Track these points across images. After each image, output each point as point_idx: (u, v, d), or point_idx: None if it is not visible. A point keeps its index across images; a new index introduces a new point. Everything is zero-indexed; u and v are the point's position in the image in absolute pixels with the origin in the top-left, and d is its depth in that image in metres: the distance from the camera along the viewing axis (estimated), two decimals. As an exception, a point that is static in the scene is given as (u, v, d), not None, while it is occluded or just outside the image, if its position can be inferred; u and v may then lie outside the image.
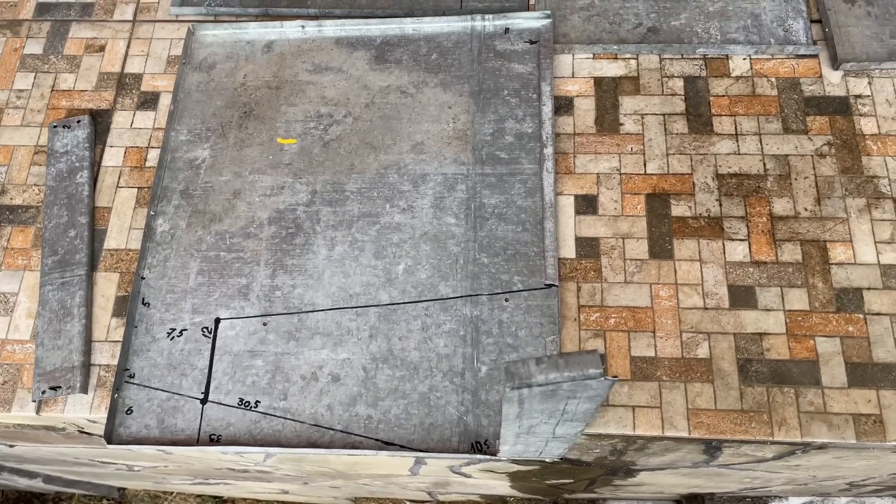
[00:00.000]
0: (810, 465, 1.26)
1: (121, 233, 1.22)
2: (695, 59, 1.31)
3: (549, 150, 1.23)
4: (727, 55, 1.31)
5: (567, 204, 1.21)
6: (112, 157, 1.29)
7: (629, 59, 1.31)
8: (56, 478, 2.25)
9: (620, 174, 1.23)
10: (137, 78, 1.36)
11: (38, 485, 2.14)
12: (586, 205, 1.21)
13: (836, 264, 1.14)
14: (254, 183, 1.24)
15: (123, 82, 1.36)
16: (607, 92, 1.30)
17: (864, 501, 1.84)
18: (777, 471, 1.35)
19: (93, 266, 1.20)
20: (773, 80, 1.29)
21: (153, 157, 1.28)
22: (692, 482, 1.60)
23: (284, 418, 1.08)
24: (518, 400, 0.74)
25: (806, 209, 1.18)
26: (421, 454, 1.05)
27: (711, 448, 1.12)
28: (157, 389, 1.10)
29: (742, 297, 1.13)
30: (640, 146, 1.25)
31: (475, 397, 1.08)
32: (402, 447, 1.06)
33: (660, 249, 1.17)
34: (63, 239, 1.20)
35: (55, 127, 1.31)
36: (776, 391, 1.08)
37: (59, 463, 1.86)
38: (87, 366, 1.12)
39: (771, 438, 1.05)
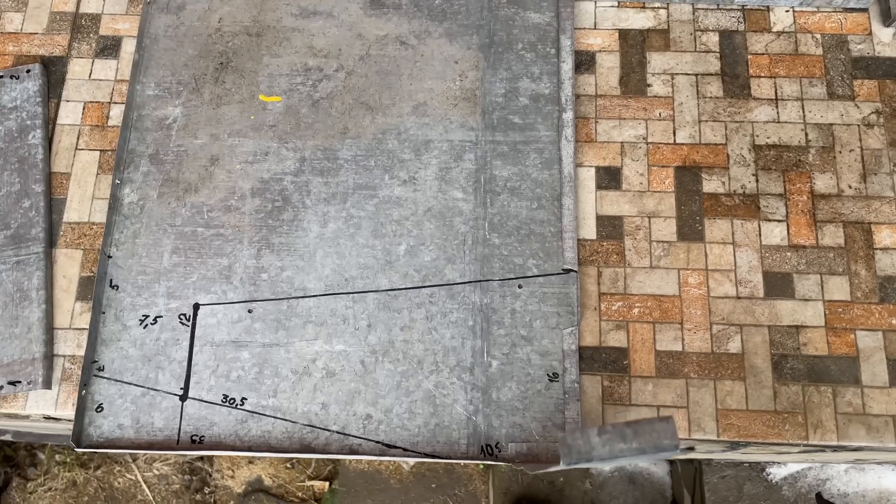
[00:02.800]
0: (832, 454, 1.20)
1: (82, 203, 1.07)
2: (732, 9, 1.16)
3: (568, 115, 1.09)
4: (768, 6, 1.16)
5: (587, 177, 1.08)
6: (69, 114, 1.12)
7: (658, 8, 1.16)
8: (27, 433, 2.17)
9: (647, 143, 1.10)
10: (95, 19, 1.18)
11: (6, 438, 2.05)
12: (609, 178, 1.08)
13: (880, 249, 1.04)
14: (233, 147, 1.09)
15: (79, 24, 1.17)
16: (633, 47, 1.15)
17: (863, 468, 1.82)
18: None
19: (51, 242, 1.05)
20: (818, 36, 1.15)
21: (116, 114, 1.12)
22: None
23: (274, 417, 0.97)
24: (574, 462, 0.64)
25: (850, 186, 1.07)
26: (426, 459, 0.95)
27: (736, 443, 1.05)
28: (130, 384, 0.98)
29: (778, 285, 1.03)
30: (670, 111, 1.11)
31: (485, 395, 0.98)
32: (406, 450, 0.96)
33: (689, 230, 1.06)
34: (16, 210, 1.05)
35: (1, 77, 1.13)
36: (812, 390, 0.99)
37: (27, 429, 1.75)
38: (49, 357, 0.99)
39: (805, 442, 0.98)
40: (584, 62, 1.13)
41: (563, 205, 1.05)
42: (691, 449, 1.22)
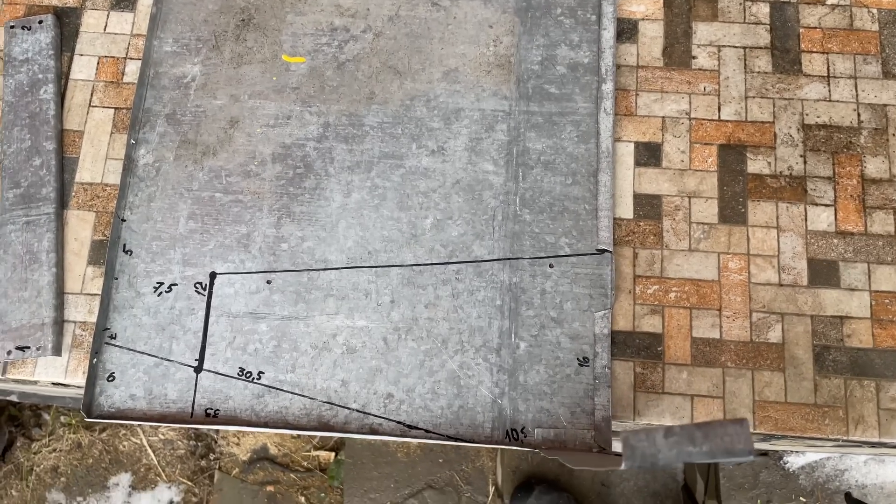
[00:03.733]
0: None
1: (95, 163, 1.03)
2: (783, -21, 1.09)
3: (608, 87, 1.03)
4: (823, -23, 1.10)
5: (626, 153, 1.03)
6: (82, 69, 1.07)
7: (705, -25, 1.09)
8: (32, 394, 2.15)
9: (690, 119, 1.04)
10: (111, -31, 1.12)
11: (11, 399, 2.03)
12: (648, 154, 1.03)
13: (932, 239, 0.99)
14: (254, 110, 1.04)
15: (94, -26, 1.12)
16: (679, 16, 1.09)
17: (883, 460, 1.79)
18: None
19: (63, 203, 1.01)
20: (874, 11, 1.09)
21: (132, 70, 1.07)
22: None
23: (292, 393, 0.93)
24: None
25: (903, 172, 1.01)
26: (448, 442, 0.92)
27: (770, 435, 1.01)
28: (143, 354, 0.95)
29: (823, 273, 0.99)
30: (715, 85, 1.05)
31: (512, 378, 0.93)
32: (428, 432, 0.93)
33: (731, 212, 1.01)
34: (26, 168, 1.01)
35: (12, 28, 1.08)
36: (855, 384, 0.95)
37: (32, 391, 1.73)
38: (59, 323, 0.96)
39: (845, 437, 0.94)
40: (626, 30, 1.07)
41: (600, 181, 0.99)
42: (764, 454, 1.18)
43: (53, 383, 1.05)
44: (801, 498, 1.72)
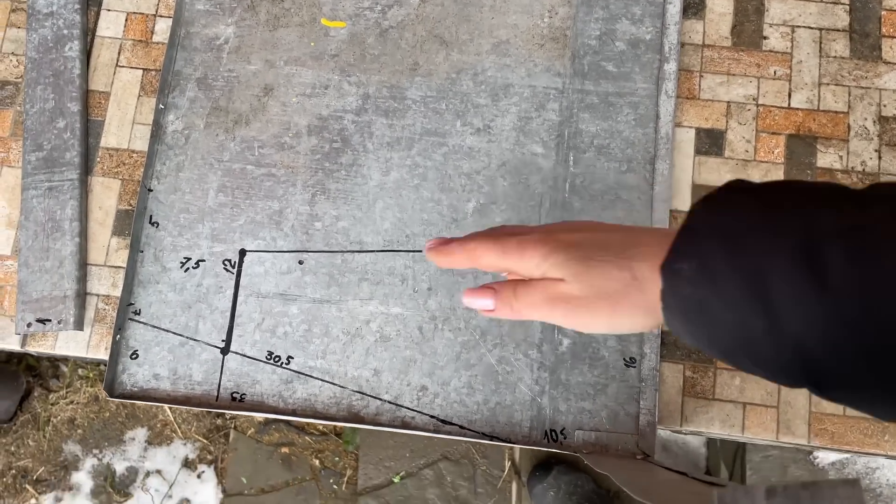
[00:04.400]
0: None
1: (122, 127, 0.97)
2: (867, -46, 1.00)
3: (671, 67, 0.96)
4: (911, -47, 1.00)
5: (686, 139, 0.96)
6: (109, 26, 1.01)
7: (781, -54, 1.00)
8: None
9: (757, 105, 0.97)
10: (141, -82, 1.04)
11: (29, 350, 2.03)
12: (710, 142, 0.96)
13: None
14: (290, 77, 0.97)
15: (123, -77, 1.04)
16: (751, -9, 1.00)
17: (916, 462, 1.74)
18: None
19: (87, 169, 0.96)
20: (967, -8, 0.99)
21: (162, 29, 1.00)
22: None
23: (322, 380, 0.89)
24: None
25: None
26: (483, 440, 0.87)
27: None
28: (168, 332, 0.91)
29: (893, 279, 0.91)
30: (787, 70, 0.97)
31: (553, 376, 0.88)
32: (462, 428, 0.88)
33: (797, 209, 0.93)
34: (49, 130, 0.96)
35: (36, -22, 1.02)
36: (919, 400, 0.89)
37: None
38: (81, 295, 0.92)
39: (905, 455, 0.88)
40: (693, 5, 0.99)
41: (657, 169, 0.93)
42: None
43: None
44: (830, 495, 1.67)
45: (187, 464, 2.19)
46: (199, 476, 2.18)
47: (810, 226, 0.36)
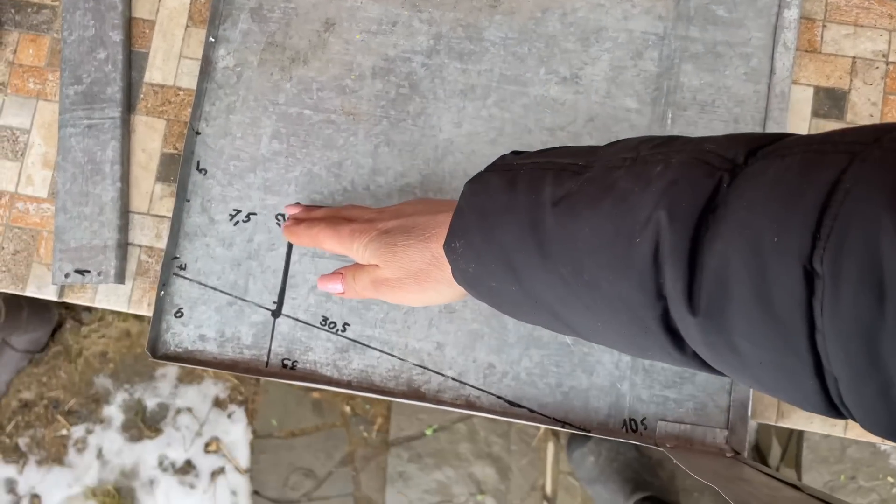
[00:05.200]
0: None
1: (167, 61, 0.88)
2: None
3: (791, 14, 0.83)
4: None
5: (802, 99, 0.84)
6: (154, -55, 0.90)
7: None
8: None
9: (887, 63, 0.84)
10: None
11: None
12: (830, 103, 0.84)
13: None
14: (354, 11, 0.86)
15: None
16: (890, -73, 0.86)
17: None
18: None
19: (129, 106, 0.87)
20: None
21: (212, -50, 0.90)
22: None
23: (381, 351, 0.82)
24: None
25: None
26: (556, 426, 0.80)
27: None
28: (216, 290, 0.83)
29: None
30: (925, 22, 0.84)
31: (636, 361, 0.80)
32: (532, 412, 0.81)
33: (925, 186, 0.82)
34: (89, 62, 0.86)
35: None
36: None
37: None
38: (123, 246, 0.84)
39: None
40: (820, -58, 0.85)
41: (768, 131, 0.81)
42: None
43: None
44: (890, 478, 1.60)
45: (218, 403, 2.17)
46: (229, 416, 2.16)
47: (535, 202, 0.42)
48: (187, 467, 2.12)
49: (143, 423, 2.16)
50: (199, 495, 2.11)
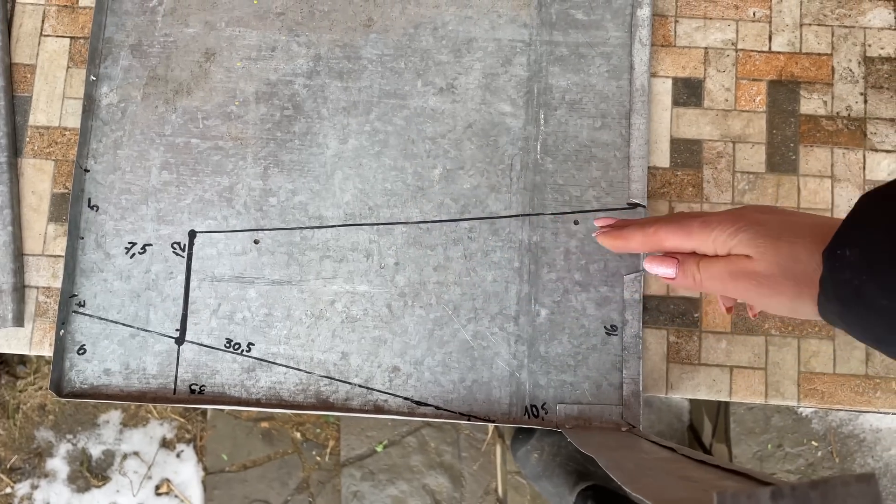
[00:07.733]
0: None
1: (51, 103, 0.89)
2: None
3: (644, 12, 0.89)
4: None
5: (663, 90, 0.90)
6: (30, -10, 0.91)
7: None
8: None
9: (736, 50, 0.91)
10: None
11: None
12: (688, 92, 0.90)
13: None
14: (233, 40, 0.89)
15: None
16: (727, -74, 0.93)
17: (898, 404, 1.74)
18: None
19: (16, 150, 0.88)
20: (954, -81, 0.93)
21: (88, -8, 0.91)
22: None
23: (287, 367, 0.84)
24: None
25: (976, 112, 0.89)
26: (461, 420, 0.83)
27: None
28: (116, 323, 0.84)
29: (881, 229, 0.87)
30: (766, 11, 0.91)
31: (531, 349, 0.84)
32: (438, 409, 0.84)
33: (780, 160, 0.89)
34: (-30, 110, 0.87)
35: (-58, -61, 0.91)
36: (910, 354, 0.86)
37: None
38: (19, 289, 0.84)
39: (896, 411, 0.86)
40: (666, -56, 0.92)
41: (633, 124, 0.87)
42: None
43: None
44: (814, 442, 1.68)
45: (165, 444, 2.14)
46: (178, 455, 2.13)
47: None
48: (137, 512, 2.08)
49: (90, 473, 2.11)
50: (151, 539, 2.06)
